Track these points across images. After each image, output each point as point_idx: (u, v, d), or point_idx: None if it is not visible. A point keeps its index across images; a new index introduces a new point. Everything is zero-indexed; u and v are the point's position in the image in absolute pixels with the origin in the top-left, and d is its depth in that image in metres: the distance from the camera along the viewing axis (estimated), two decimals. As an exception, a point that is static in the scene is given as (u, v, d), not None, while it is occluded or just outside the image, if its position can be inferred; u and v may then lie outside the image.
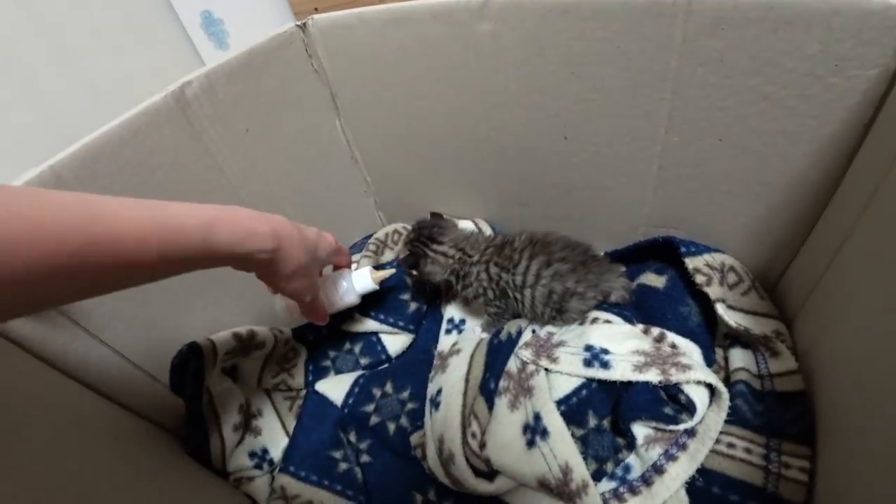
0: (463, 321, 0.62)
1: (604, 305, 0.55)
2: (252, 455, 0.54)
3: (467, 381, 0.51)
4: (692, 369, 0.45)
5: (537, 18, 0.48)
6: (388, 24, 0.55)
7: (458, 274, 0.56)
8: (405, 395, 0.56)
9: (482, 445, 0.48)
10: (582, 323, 0.54)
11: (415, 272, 0.58)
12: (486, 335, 0.57)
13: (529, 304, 0.53)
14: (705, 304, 0.51)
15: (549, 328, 0.55)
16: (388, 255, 0.67)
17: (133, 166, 0.47)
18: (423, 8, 0.52)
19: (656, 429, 0.46)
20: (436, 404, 0.51)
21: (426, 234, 0.57)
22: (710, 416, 0.45)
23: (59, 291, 0.28)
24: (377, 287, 0.56)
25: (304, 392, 0.60)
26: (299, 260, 0.41)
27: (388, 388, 0.57)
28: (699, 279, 0.51)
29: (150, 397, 0.50)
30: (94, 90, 0.91)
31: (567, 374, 0.49)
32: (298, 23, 0.59)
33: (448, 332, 0.62)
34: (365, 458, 0.53)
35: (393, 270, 0.58)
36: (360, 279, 0.55)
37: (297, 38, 0.60)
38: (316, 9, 1.03)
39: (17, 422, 0.36)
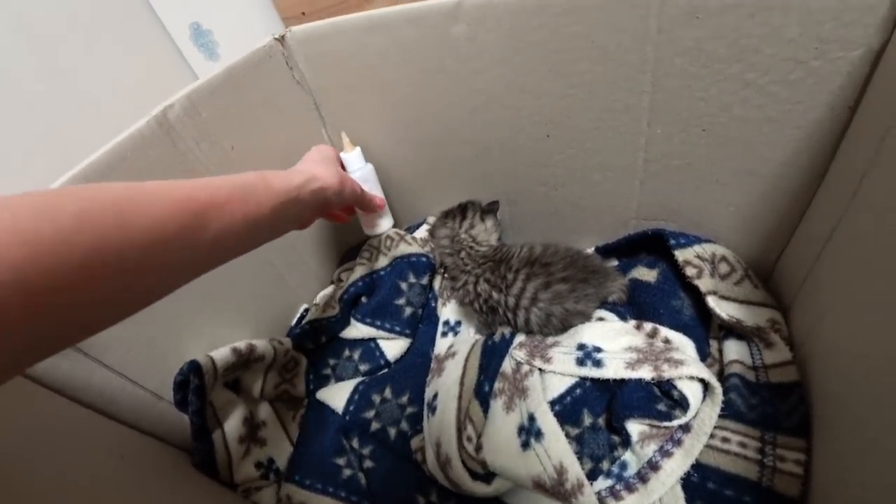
0: (459, 323, 0.63)
1: (597, 303, 0.54)
2: (258, 465, 0.55)
3: (462, 384, 0.51)
4: (685, 364, 0.45)
5: (511, 17, 0.47)
6: (366, 32, 0.55)
7: (451, 267, 0.57)
8: (404, 399, 0.57)
9: (478, 448, 0.48)
10: (575, 321, 0.54)
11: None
12: (480, 336, 0.58)
13: (523, 323, 0.53)
14: (698, 295, 0.51)
15: (543, 327, 0.55)
16: (383, 262, 0.68)
17: (122, 191, 0.48)
18: (396, 14, 0.52)
19: (651, 425, 0.46)
20: (432, 409, 0.52)
21: (450, 210, 0.60)
22: (704, 411, 0.44)
23: (184, 259, 0.31)
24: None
25: (306, 401, 0.61)
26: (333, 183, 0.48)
27: (388, 393, 0.58)
28: (689, 272, 0.50)
29: (154, 415, 0.51)
30: (89, 108, 0.92)
31: (560, 373, 0.49)
32: (276, 36, 0.59)
33: (444, 334, 0.62)
34: (368, 464, 0.54)
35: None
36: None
37: (277, 52, 0.60)
38: (303, 13, 1.03)
39: (27, 450, 0.37)
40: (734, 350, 0.48)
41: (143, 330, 0.51)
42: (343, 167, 0.61)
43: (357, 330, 0.63)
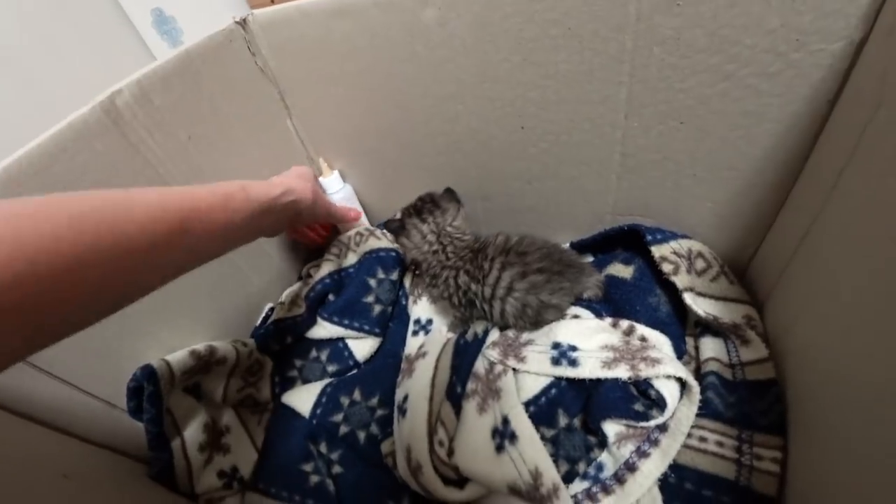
0: (430, 321, 0.60)
1: (573, 300, 0.53)
2: (221, 474, 0.52)
3: (433, 385, 0.50)
4: (662, 363, 0.44)
5: (483, 3, 0.45)
6: (332, 16, 0.52)
7: (428, 265, 0.55)
8: (374, 401, 0.55)
9: (450, 453, 0.46)
10: (550, 319, 0.53)
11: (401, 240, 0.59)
12: (452, 335, 0.56)
13: (499, 315, 0.51)
14: (675, 292, 0.50)
15: (518, 325, 0.54)
16: (351, 259, 0.65)
17: (64, 185, 0.44)
18: (364, -4, 0.49)
19: (628, 425, 0.45)
20: (403, 412, 0.50)
21: (419, 206, 0.57)
22: (681, 411, 0.44)
23: (166, 262, 0.35)
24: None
25: (271, 405, 0.58)
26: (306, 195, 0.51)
27: (357, 395, 0.55)
28: (666, 268, 0.49)
29: (109, 425, 0.48)
30: (51, 102, 0.87)
31: (535, 373, 0.48)
32: (238, 19, 0.55)
33: (415, 333, 0.60)
34: (337, 469, 0.52)
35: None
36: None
37: (238, 36, 0.56)
38: (272, 0, 0.98)
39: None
40: (711, 347, 0.48)
41: (93, 337, 0.47)
42: (323, 190, 0.64)
43: (324, 329, 0.61)
